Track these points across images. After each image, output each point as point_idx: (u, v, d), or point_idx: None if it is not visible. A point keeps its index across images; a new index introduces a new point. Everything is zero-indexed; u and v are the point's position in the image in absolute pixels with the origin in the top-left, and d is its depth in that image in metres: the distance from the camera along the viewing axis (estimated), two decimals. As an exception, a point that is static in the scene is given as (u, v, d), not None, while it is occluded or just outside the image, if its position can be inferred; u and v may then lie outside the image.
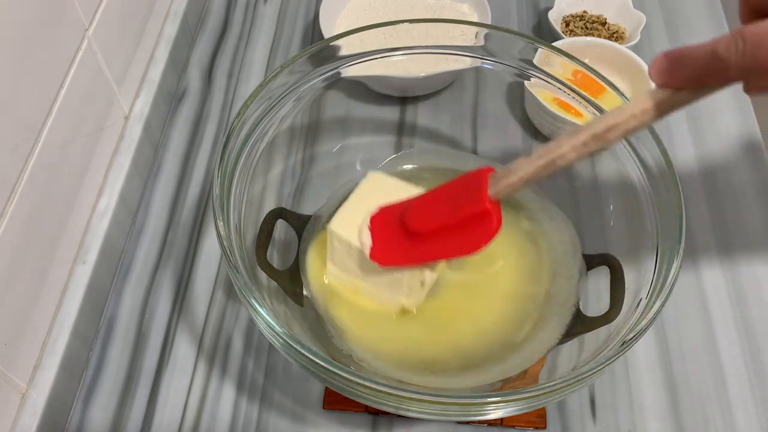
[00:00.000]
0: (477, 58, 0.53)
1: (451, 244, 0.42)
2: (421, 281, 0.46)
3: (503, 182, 0.39)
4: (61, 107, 0.50)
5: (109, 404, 0.52)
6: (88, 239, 0.55)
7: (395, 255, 0.45)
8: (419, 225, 0.43)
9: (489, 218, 0.40)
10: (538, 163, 0.38)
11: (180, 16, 0.70)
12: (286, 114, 0.51)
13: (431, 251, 0.43)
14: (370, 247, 0.45)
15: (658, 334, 0.55)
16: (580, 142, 0.36)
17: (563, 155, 0.36)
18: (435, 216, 0.43)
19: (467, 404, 0.38)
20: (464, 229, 0.41)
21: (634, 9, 0.73)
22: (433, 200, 0.44)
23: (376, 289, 0.48)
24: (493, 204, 0.40)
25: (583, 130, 0.36)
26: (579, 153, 0.36)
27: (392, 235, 0.45)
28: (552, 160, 0.37)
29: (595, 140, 0.35)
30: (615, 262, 0.48)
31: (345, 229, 0.46)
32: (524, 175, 0.38)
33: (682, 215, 0.43)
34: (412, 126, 0.66)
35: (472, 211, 0.40)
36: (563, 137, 0.36)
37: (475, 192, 0.40)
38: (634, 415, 0.52)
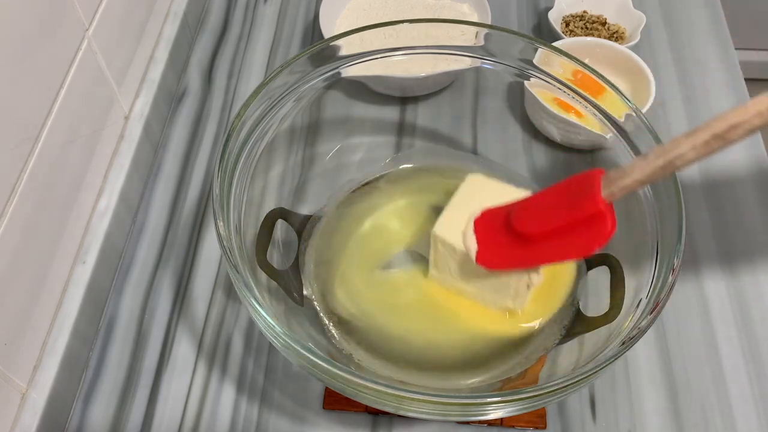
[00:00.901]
0: (477, 58, 0.53)
1: (561, 247, 0.41)
2: (528, 284, 0.45)
3: (618, 184, 0.38)
4: (61, 107, 0.50)
5: (109, 404, 0.52)
6: (88, 239, 0.55)
7: (503, 258, 0.44)
8: (528, 227, 0.42)
9: (603, 220, 0.38)
10: (656, 164, 0.36)
11: (180, 16, 0.70)
12: (286, 114, 0.51)
13: (541, 254, 0.42)
14: (476, 251, 0.44)
15: (658, 334, 0.55)
16: (701, 141, 0.34)
17: (682, 155, 0.35)
18: (544, 218, 0.41)
19: (467, 404, 0.38)
20: (576, 232, 0.40)
21: (634, 9, 0.73)
22: (542, 202, 0.43)
23: (480, 293, 0.47)
24: (608, 206, 0.39)
25: (703, 130, 0.34)
26: (699, 153, 0.35)
27: (499, 238, 0.44)
28: (670, 160, 0.36)
29: (716, 140, 0.34)
30: (615, 262, 0.48)
31: (450, 233, 0.45)
32: (640, 177, 0.37)
33: (682, 215, 0.43)
34: (412, 126, 0.66)
35: (585, 213, 0.39)
36: (681, 137, 0.35)
37: (587, 194, 0.39)
38: (634, 415, 0.52)
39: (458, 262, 0.46)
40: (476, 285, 0.47)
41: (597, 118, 0.50)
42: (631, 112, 0.48)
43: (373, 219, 0.55)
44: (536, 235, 0.42)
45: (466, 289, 0.48)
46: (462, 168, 0.59)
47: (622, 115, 0.48)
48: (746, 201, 0.63)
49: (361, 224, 0.54)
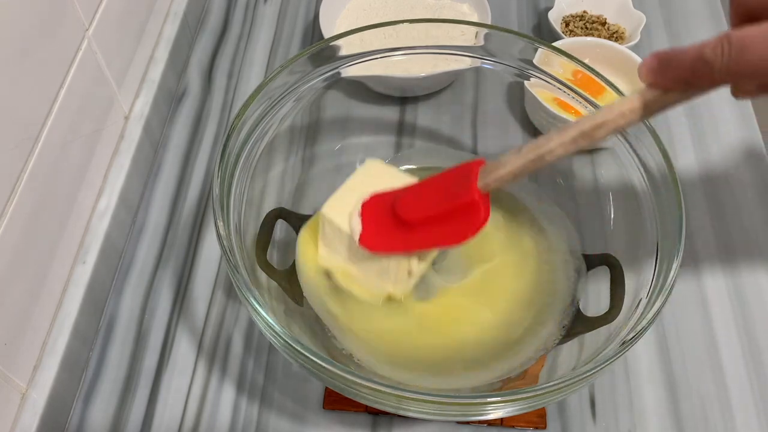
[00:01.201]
0: (477, 58, 0.53)
1: (439, 234, 0.43)
2: (409, 271, 0.46)
3: (493, 175, 0.40)
4: (61, 107, 0.50)
5: (109, 404, 0.52)
6: (88, 239, 0.55)
7: (384, 242, 0.45)
8: (409, 213, 0.44)
9: (477, 209, 0.40)
10: (527, 157, 0.38)
11: (180, 16, 0.70)
12: (286, 114, 0.51)
13: (420, 240, 0.44)
14: (360, 233, 0.45)
15: (658, 334, 0.55)
16: (569, 138, 0.36)
17: (551, 150, 0.37)
18: (425, 205, 0.43)
19: (467, 404, 0.38)
20: (453, 220, 0.42)
21: (633, 9, 0.73)
22: (425, 190, 0.45)
23: (364, 275, 0.48)
24: (482, 196, 0.40)
25: (572, 127, 0.36)
26: (567, 149, 0.37)
27: (383, 222, 0.45)
28: (541, 155, 0.38)
29: (583, 137, 0.36)
30: (615, 262, 0.48)
31: (337, 214, 0.46)
32: (513, 169, 0.39)
33: (682, 215, 0.43)
34: (412, 126, 0.66)
35: (460, 202, 0.41)
36: (553, 133, 0.37)
37: (464, 183, 0.41)
38: (634, 415, 0.52)
39: (345, 243, 0.47)
40: (361, 267, 0.48)
41: (597, 118, 0.50)
42: (630, 112, 0.48)
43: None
44: (416, 220, 0.43)
45: (352, 270, 0.49)
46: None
47: (622, 115, 0.48)
48: (746, 201, 0.63)
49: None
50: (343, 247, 0.47)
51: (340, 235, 0.47)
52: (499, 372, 0.47)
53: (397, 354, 0.48)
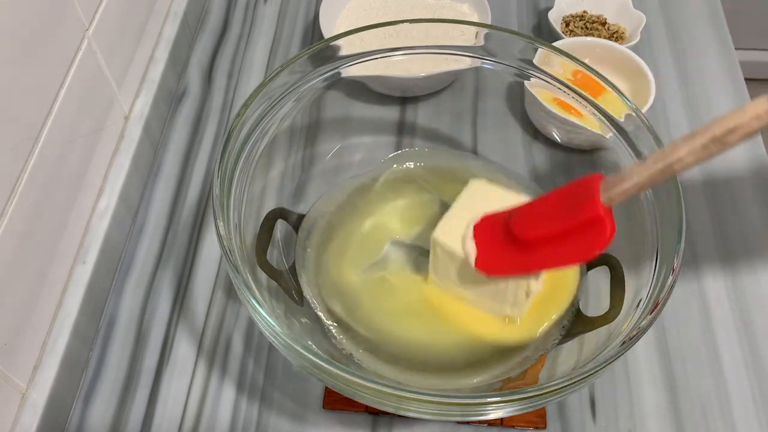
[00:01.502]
0: (477, 58, 0.53)
1: (560, 253, 0.41)
2: (527, 292, 0.45)
3: (616, 189, 0.38)
4: (61, 107, 0.50)
5: (109, 404, 0.52)
6: (88, 239, 0.55)
7: (502, 264, 0.43)
8: (526, 233, 0.42)
9: (602, 225, 0.38)
10: (655, 168, 0.36)
11: (180, 16, 0.70)
12: (286, 114, 0.51)
13: (540, 260, 0.42)
14: (476, 256, 0.44)
15: (658, 334, 0.55)
16: (699, 145, 0.34)
17: (681, 159, 0.35)
18: (543, 223, 0.41)
19: (467, 404, 0.38)
20: (575, 237, 0.40)
21: (634, 9, 0.73)
22: (541, 207, 0.43)
23: (479, 299, 0.47)
24: (607, 211, 0.38)
25: (701, 133, 0.34)
26: (697, 157, 0.35)
27: (498, 243, 0.43)
28: (669, 164, 0.35)
29: (715, 143, 0.34)
30: (615, 262, 0.48)
31: (449, 239, 0.45)
32: (639, 181, 0.37)
33: (682, 215, 0.43)
34: (412, 126, 0.66)
35: (584, 218, 0.39)
36: (679, 141, 0.35)
37: (586, 198, 0.39)
38: (634, 415, 0.52)
39: (457, 267, 0.46)
40: (475, 291, 0.47)
41: (597, 118, 0.50)
42: (631, 112, 0.48)
43: (373, 219, 0.55)
44: (535, 240, 0.42)
45: (465, 295, 0.48)
46: (462, 168, 0.59)
47: (622, 115, 0.49)
48: (746, 201, 0.63)
49: (361, 224, 0.54)
50: (455, 272, 0.46)
51: (453, 260, 0.46)
52: (499, 372, 0.47)
53: (397, 354, 0.48)
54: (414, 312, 0.50)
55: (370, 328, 0.49)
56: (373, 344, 0.49)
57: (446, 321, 0.50)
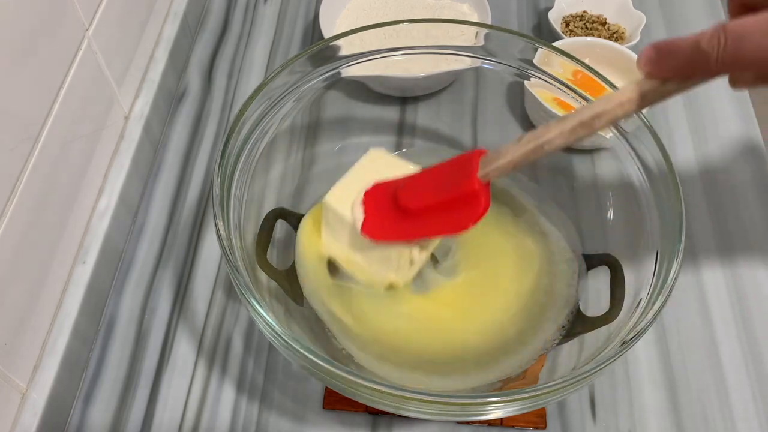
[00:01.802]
0: (477, 58, 0.53)
1: (440, 223, 0.43)
2: (411, 259, 0.47)
3: (493, 165, 0.40)
4: (61, 107, 0.50)
5: (109, 404, 0.52)
6: (88, 239, 0.55)
7: (386, 230, 0.45)
8: (411, 202, 0.44)
9: (477, 199, 0.41)
10: (527, 147, 0.38)
11: (180, 16, 0.70)
12: (286, 114, 0.51)
13: (421, 228, 0.44)
14: (362, 222, 0.46)
15: (658, 334, 0.55)
16: (568, 128, 0.36)
17: (550, 140, 0.37)
18: (426, 194, 0.43)
19: (467, 404, 0.38)
20: (453, 209, 0.42)
21: (634, 9, 0.73)
22: (426, 179, 0.45)
23: (366, 262, 0.48)
24: (482, 185, 0.41)
25: (571, 117, 0.36)
26: (566, 139, 0.37)
27: (385, 211, 0.45)
28: (540, 144, 0.38)
29: (582, 127, 0.36)
30: (615, 262, 0.48)
31: (340, 203, 0.47)
32: (513, 158, 0.39)
33: (682, 215, 0.43)
34: (412, 126, 0.66)
35: (461, 192, 0.41)
36: (552, 123, 0.37)
37: (465, 173, 0.41)
38: (634, 415, 0.52)
39: (347, 231, 0.47)
40: (363, 255, 0.48)
41: (597, 118, 0.50)
42: (631, 112, 0.48)
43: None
44: (418, 210, 0.43)
45: (355, 258, 0.49)
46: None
47: (622, 115, 0.48)
48: (746, 199, 0.63)
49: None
50: (346, 235, 0.48)
51: (343, 224, 0.47)
52: (499, 372, 0.47)
53: (397, 354, 0.48)
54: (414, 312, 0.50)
55: (370, 328, 0.49)
56: (373, 344, 0.49)
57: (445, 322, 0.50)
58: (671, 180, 0.44)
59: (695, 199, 0.63)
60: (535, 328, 0.49)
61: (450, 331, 0.49)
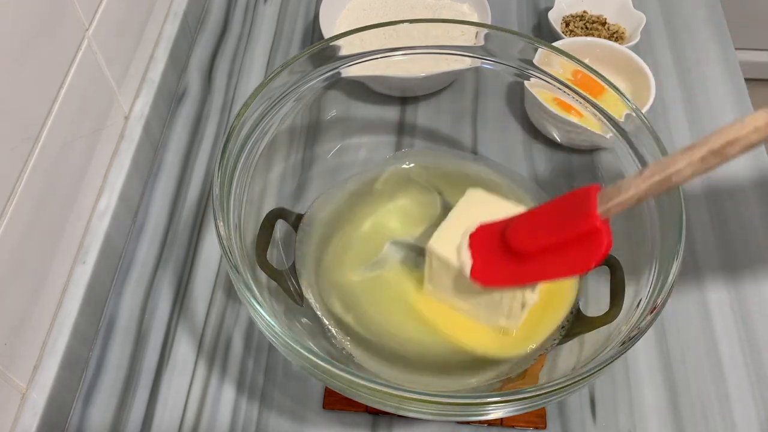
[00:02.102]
0: (477, 58, 0.53)
1: (556, 265, 0.40)
2: (522, 303, 0.45)
3: (614, 201, 0.37)
4: (61, 107, 0.50)
5: (109, 404, 0.52)
6: (88, 239, 0.55)
7: (497, 275, 0.43)
8: (523, 244, 0.41)
9: (599, 237, 0.38)
10: (652, 180, 0.36)
11: (180, 16, 0.70)
12: (286, 114, 0.51)
13: (535, 271, 0.42)
14: (471, 267, 0.44)
15: (658, 334, 0.55)
16: (698, 157, 0.34)
17: (679, 171, 0.35)
18: (540, 235, 0.41)
19: (467, 404, 0.38)
20: (571, 249, 0.39)
21: (634, 9, 0.73)
22: (538, 218, 0.43)
23: (474, 309, 0.47)
24: (603, 223, 0.38)
25: (700, 146, 0.34)
26: (696, 169, 0.34)
27: (493, 254, 0.43)
28: (668, 176, 0.35)
29: (714, 156, 0.34)
30: (615, 262, 0.48)
31: (445, 248, 0.45)
32: (637, 193, 0.37)
33: (682, 215, 0.43)
34: (412, 126, 0.66)
35: (581, 230, 0.38)
36: (677, 153, 0.35)
37: (583, 210, 0.38)
38: (634, 415, 0.52)
39: (452, 277, 0.46)
40: (470, 302, 0.47)
41: (597, 118, 0.50)
42: (631, 112, 0.48)
43: (373, 219, 0.55)
44: (531, 251, 0.41)
45: (461, 305, 0.48)
46: (462, 168, 0.59)
47: (622, 115, 0.48)
48: (747, 202, 0.63)
49: (361, 224, 0.54)
50: (450, 282, 0.46)
51: (448, 270, 0.45)
52: (499, 372, 0.47)
53: (397, 354, 0.48)
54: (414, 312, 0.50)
55: (369, 328, 0.49)
56: (373, 344, 0.49)
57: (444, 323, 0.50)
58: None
59: (695, 199, 0.63)
60: (535, 328, 0.49)
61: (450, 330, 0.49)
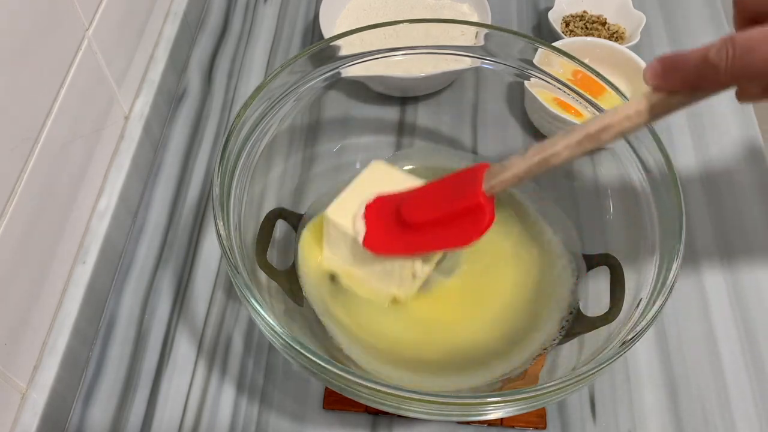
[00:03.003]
0: (477, 58, 0.53)
1: (444, 236, 0.43)
2: (413, 273, 0.47)
3: (498, 178, 0.40)
4: (61, 107, 0.50)
5: (109, 404, 0.52)
6: (88, 239, 0.55)
7: (388, 244, 0.45)
8: (414, 216, 0.44)
9: (482, 212, 0.40)
10: (532, 161, 0.38)
11: (180, 16, 0.70)
12: (286, 114, 0.51)
13: (424, 242, 0.44)
14: (364, 235, 0.45)
15: (658, 334, 0.55)
16: (575, 141, 0.36)
17: (557, 153, 0.37)
18: (430, 208, 0.43)
19: (467, 404, 0.38)
20: (458, 223, 0.42)
21: (633, 9, 0.73)
22: (430, 193, 0.45)
23: (368, 277, 0.48)
24: (487, 199, 0.40)
25: (578, 130, 0.36)
26: (572, 152, 0.37)
27: (387, 224, 0.45)
28: (546, 158, 0.38)
29: (589, 140, 0.36)
30: (615, 262, 0.48)
31: (341, 217, 0.47)
32: (518, 172, 0.39)
33: (682, 215, 0.43)
34: (412, 126, 0.66)
35: (466, 205, 0.41)
36: (558, 136, 0.37)
37: (470, 187, 0.41)
38: (634, 415, 0.52)
39: (349, 245, 0.47)
40: (364, 269, 0.48)
41: (597, 118, 0.50)
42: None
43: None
44: (421, 223, 0.43)
45: (355, 273, 0.49)
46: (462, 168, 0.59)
47: (622, 115, 0.48)
48: (746, 200, 0.63)
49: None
50: (347, 250, 0.48)
51: (344, 238, 0.47)
52: (499, 372, 0.47)
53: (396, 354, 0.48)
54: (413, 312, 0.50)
55: (369, 328, 0.49)
56: (373, 345, 0.49)
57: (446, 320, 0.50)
58: (671, 180, 0.44)
59: (695, 199, 0.63)
60: (534, 328, 0.49)
61: (449, 330, 0.49)
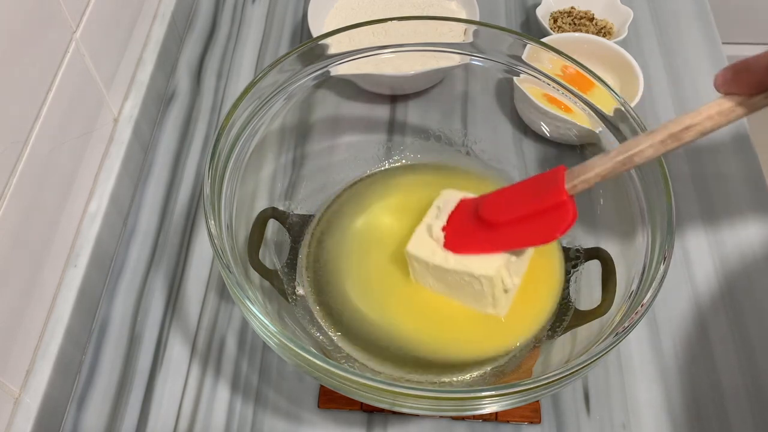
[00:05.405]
0: (466, 55, 0.53)
1: (526, 233, 0.43)
2: (504, 289, 0.47)
3: (580, 178, 0.41)
4: (49, 110, 0.49)
5: (102, 408, 0.52)
6: (79, 243, 0.55)
7: (469, 243, 0.46)
8: (495, 216, 0.45)
9: (566, 210, 0.41)
10: (616, 160, 0.39)
11: (168, 18, 0.70)
12: (276, 113, 0.51)
13: (507, 240, 0.45)
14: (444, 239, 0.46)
15: (651, 328, 0.55)
16: (658, 140, 0.37)
17: (641, 152, 0.38)
18: (512, 208, 0.44)
19: (461, 399, 0.39)
20: (539, 220, 0.42)
21: (621, 4, 0.73)
22: (509, 194, 0.46)
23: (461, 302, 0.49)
24: (570, 197, 0.41)
25: (661, 130, 0.37)
26: (656, 150, 0.38)
27: (467, 226, 0.46)
28: (630, 156, 0.39)
29: (672, 139, 0.37)
30: (606, 255, 0.49)
31: (421, 250, 0.47)
32: (601, 171, 0.40)
33: (671, 207, 0.43)
34: (402, 124, 0.66)
35: (550, 203, 0.42)
36: (641, 136, 0.38)
37: (552, 186, 0.42)
38: (628, 408, 0.52)
39: (434, 275, 0.48)
40: (455, 296, 0.48)
41: (586, 112, 0.50)
42: (620, 106, 0.48)
43: (366, 217, 0.55)
44: (503, 222, 0.44)
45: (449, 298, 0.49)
46: (453, 164, 0.59)
47: (611, 109, 0.49)
48: (736, 194, 0.63)
49: (354, 222, 0.54)
50: (433, 279, 0.48)
51: (428, 268, 0.47)
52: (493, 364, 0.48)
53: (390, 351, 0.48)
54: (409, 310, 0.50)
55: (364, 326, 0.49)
56: (368, 342, 0.49)
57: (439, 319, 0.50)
58: (661, 173, 0.44)
59: (685, 192, 0.63)
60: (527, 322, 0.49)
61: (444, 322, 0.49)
